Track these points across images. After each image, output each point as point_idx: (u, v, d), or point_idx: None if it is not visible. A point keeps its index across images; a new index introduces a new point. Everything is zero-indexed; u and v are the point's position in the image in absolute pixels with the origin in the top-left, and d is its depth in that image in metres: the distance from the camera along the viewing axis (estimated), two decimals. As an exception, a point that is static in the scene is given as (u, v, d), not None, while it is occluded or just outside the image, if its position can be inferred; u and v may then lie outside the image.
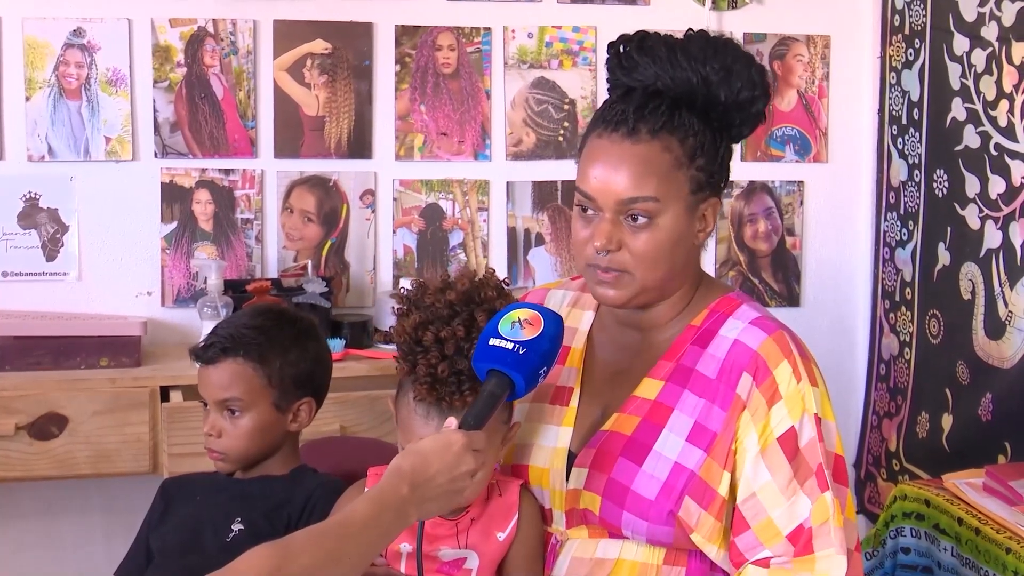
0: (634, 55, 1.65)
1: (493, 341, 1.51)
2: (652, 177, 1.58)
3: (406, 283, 2.13)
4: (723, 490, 1.59)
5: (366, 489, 1.70)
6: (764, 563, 1.57)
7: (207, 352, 1.87)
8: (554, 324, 1.55)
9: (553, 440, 1.69)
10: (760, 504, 1.57)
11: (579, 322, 1.76)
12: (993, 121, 2.81)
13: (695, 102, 1.62)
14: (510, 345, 1.50)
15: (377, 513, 1.39)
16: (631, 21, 3.32)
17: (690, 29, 1.67)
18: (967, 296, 2.92)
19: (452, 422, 1.48)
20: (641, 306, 1.67)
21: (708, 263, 3.41)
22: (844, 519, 1.61)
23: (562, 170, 3.33)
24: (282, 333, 1.90)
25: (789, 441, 1.58)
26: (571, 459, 1.66)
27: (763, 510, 1.57)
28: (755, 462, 1.58)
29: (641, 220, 1.59)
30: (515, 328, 1.52)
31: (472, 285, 1.62)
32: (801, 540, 1.56)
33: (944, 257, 3.04)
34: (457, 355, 1.57)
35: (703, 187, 1.63)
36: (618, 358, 1.72)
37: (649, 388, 1.65)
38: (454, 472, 1.44)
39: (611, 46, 1.69)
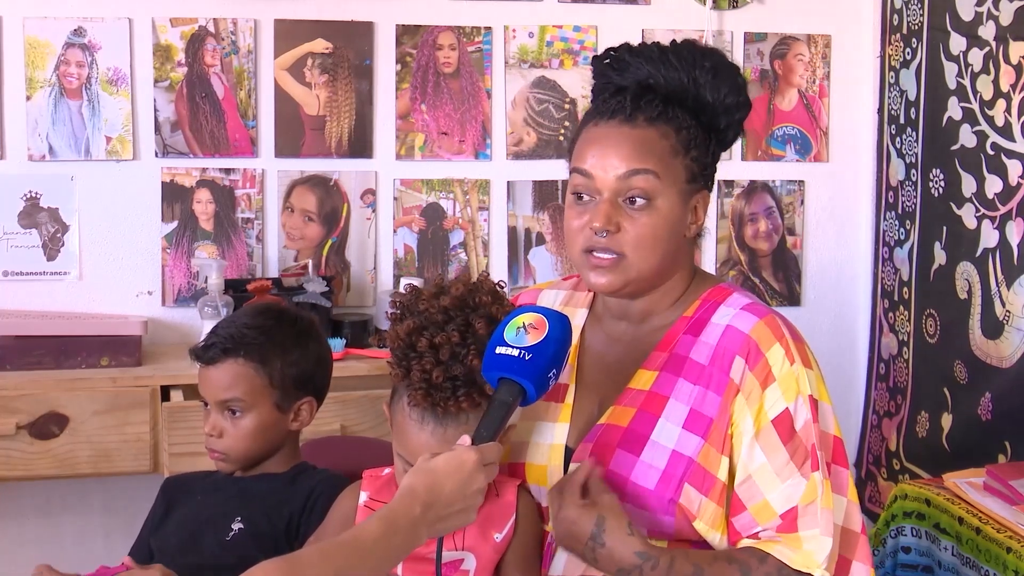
0: (626, 57, 1.70)
1: (500, 349, 1.52)
2: (651, 156, 1.62)
3: (407, 282, 2.13)
4: (722, 475, 1.60)
5: (361, 492, 1.71)
6: (755, 536, 1.59)
7: (208, 352, 1.87)
8: (559, 326, 1.55)
9: (550, 437, 1.69)
10: (756, 486, 1.59)
11: (572, 320, 1.76)
12: (990, 120, 2.81)
13: (685, 101, 1.66)
14: (516, 352, 1.50)
15: (388, 533, 1.39)
16: (632, 20, 3.32)
17: (674, 39, 1.71)
18: (963, 295, 2.92)
19: (466, 439, 1.48)
20: (633, 295, 1.68)
21: (708, 262, 3.41)
22: (847, 501, 1.63)
23: (563, 169, 3.27)
24: (283, 333, 1.89)
25: (784, 423, 1.59)
26: (568, 455, 1.67)
27: (759, 492, 1.58)
28: (750, 445, 1.59)
29: (640, 202, 1.61)
30: (520, 334, 1.52)
31: (466, 290, 1.62)
32: (789, 518, 1.57)
33: (940, 256, 3.04)
34: (452, 361, 1.56)
35: (696, 178, 1.66)
36: (612, 352, 1.72)
37: (643, 379, 1.66)
38: (466, 491, 1.44)
39: (596, 60, 1.74)
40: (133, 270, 3.16)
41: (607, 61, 1.72)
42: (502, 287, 1.67)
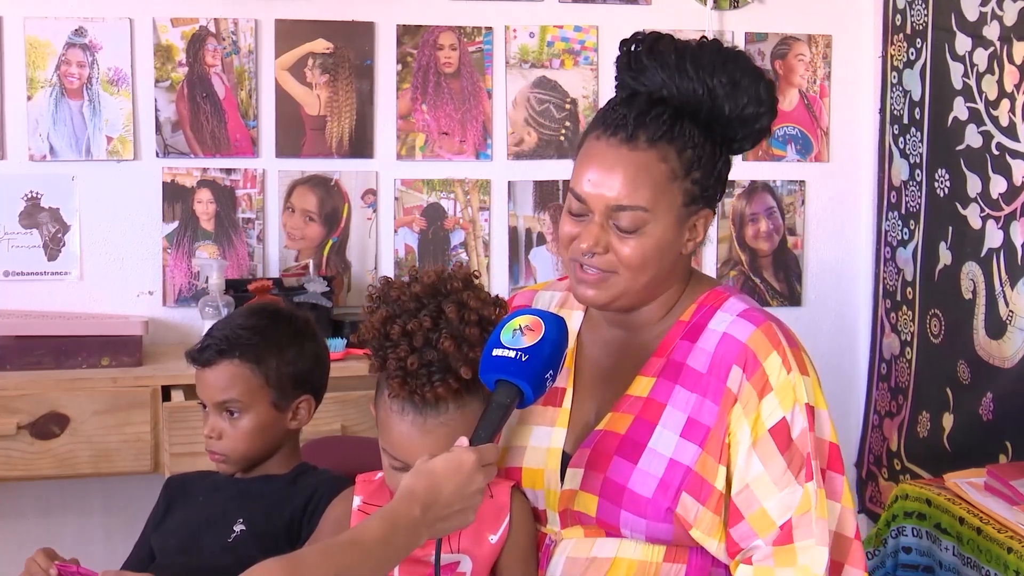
0: (643, 58, 1.65)
1: (496, 351, 1.52)
2: (645, 187, 1.58)
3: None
4: (719, 484, 1.59)
5: (354, 497, 1.71)
6: (750, 560, 1.58)
7: (203, 355, 1.86)
8: (555, 328, 1.55)
9: (546, 441, 1.69)
10: (753, 495, 1.58)
11: (568, 322, 1.76)
12: (995, 120, 2.81)
13: (699, 113, 1.61)
14: (512, 354, 1.51)
15: (389, 533, 1.39)
16: (633, 21, 3.31)
17: (703, 37, 1.67)
18: (968, 296, 2.91)
19: (463, 440, 1.48)
20: (621, 309, 1.67)
21: (709, 263, 3.41)
22: (840, 507, 1.62)
23: (563, 170, 3.32)
24: (278, 332, 1.89)
25: (781, 432, 1.58)
26: (565, 460, 1.66)
27: (756, 501, 1.58)
28: (748, 454, 1.58)
29: (629, 229, 1.59)
30: (516, 336, 1.53)
31: (438, 277, 1.62)
32: (785, 530, 1.57)
33: (945, 256, 3.03)
34: (426, 347, 1.57)
35: (696, 200, 1.63)
36: (608, 357, 1.72)
37: (641, 386, 1.65)
38: (465, 491, 1.44)
39: (623, 44, 1.69)
40: (134, 270, 3.16)
41: (630, 52, 1.66)
42: (477, 276, 1.67)
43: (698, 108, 1.61)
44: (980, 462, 2.48)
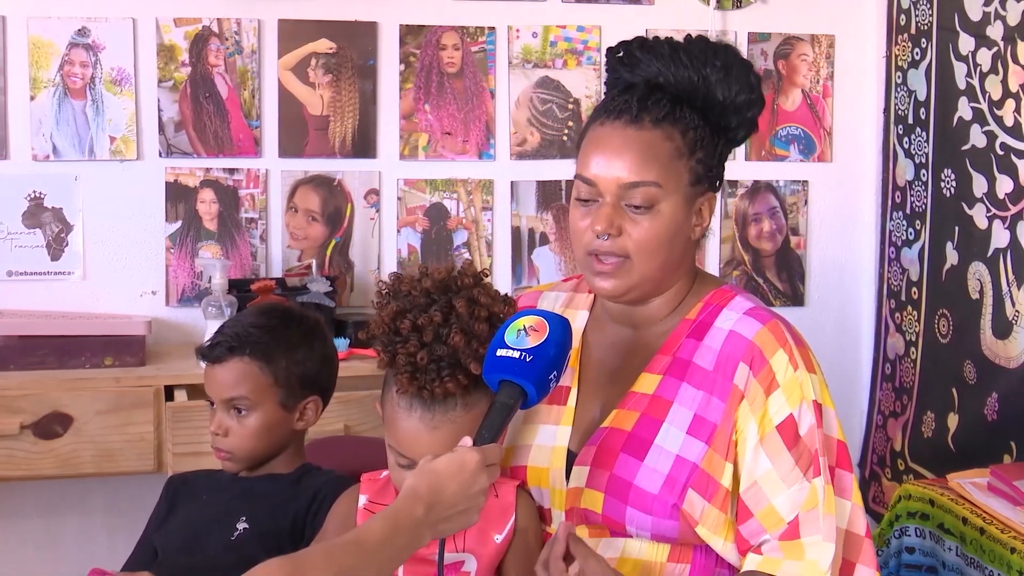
0: (637, 53, 1.69)
1: (500, 352, 1.52)
2: (654, 163, 1.61)
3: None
4: (726, 481, 1.59)
5: (360, 495, 1.71)
6: (759, 550, 1.58)
7: (214, 351, 1.87)
8: (560, 329, 1.55)
9: (552, 439, 1.69)
10: (762, 492, 1.58)
11: (573, 322, 1.76)
12: (999, 120, 2.81)
13: (695, 100, 1.65)
14: (516, 354, 1.51)
15: (391, 533, 1.39)
16: (635, 20, 3.32)
17: (689, 35, 1.71)
18: (975, 296, 2.91)
19: (467, 440, 1.48)
20: (636, 300, 1.68)
21: (712, 263, 3.41)
22: (851, 505, 1.63)
23: (566, 169, 3.30)
24: (288, 332, 1.89)
25: (788, 429, 1.59)
26: (570, 458, 1.66)
27: (765, 497, 1.58)
28: (755, 451, 1.59)
29: (642, 207, 1.61)
30: (521, 336, 1.53)
31: (448, 274, 1.63)
32: (793, 525, 1.57)
33: (952, 256, 3.03)
34: (435, 342, 1.57)
35: (701, 180, 1.65)
36: (614, 356, 1.72)
37: (647, 383, 1.66)
38: (469, 492, 1.44)
39: (610, 51, 1.72)
40: (137, 270, 3.16)
41: (619, 55, 1.71)
42: (487, 274, 1.67)
43: (694, 95, 1.65)
44: (984, 462, 2.48)
